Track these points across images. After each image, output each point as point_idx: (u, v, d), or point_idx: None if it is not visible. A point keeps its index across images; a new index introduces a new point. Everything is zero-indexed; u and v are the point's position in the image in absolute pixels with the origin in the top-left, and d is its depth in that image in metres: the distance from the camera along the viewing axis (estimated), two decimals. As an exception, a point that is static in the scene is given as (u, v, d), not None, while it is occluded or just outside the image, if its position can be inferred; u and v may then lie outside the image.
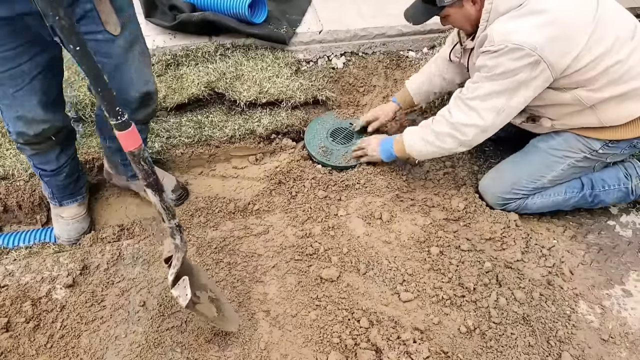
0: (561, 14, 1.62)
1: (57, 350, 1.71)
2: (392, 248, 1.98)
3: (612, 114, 1.77)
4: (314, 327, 1.73)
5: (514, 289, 1.80)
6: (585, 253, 2.02)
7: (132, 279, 1.91)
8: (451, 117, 1.87)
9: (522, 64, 1.64)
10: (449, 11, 1.79)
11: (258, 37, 2.63)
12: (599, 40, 1.64)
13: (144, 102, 1.79)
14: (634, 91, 1.71)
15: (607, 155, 1.91)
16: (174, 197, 2.21)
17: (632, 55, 1.68)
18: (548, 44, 1.61)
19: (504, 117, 1.80)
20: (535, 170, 1.99)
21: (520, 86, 1.70)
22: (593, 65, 1.67)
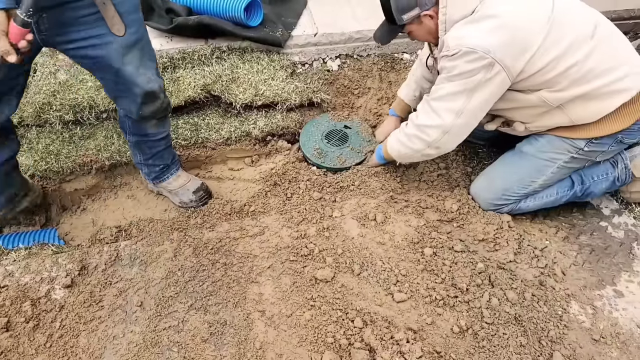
0: (513, 17, 1.66)
1: (57, 349, 1.74)
2: (386, 249, 2.01)
3: (580, 112, 1.80)
4: (309, 327, 1.76)
5: (506, 290, 1.83)
6: (578, 254, 2.04)
7: (130, 280, 1.94)
8: (417, 118, 1.95)
9: (476, 65, 1.69)
10: (411, 28, 1.88)
11: (254, 40, 2.66)
12: (555, 42, 1.67)
13: (148, 100, 1.84)
14: (598, 90, 1.73)
15: (594, 153, 1.93)
16: (194, 198, 2.25)
17: (592, 55, 1.69)
18: (501, 46, 1.65)
19: (465, 119, 1.84)
20: (526, 176, 2.02)
21: (477, 87, 1.74)
22: (551, 67, 1.70)
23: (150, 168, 2.18)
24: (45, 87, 2.45)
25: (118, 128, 2.45)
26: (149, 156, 2.13)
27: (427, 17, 1.79)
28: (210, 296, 1.87)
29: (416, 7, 1.77)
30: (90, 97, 2.42)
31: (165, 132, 2.07)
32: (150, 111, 1.88)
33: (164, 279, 1.93)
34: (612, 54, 1.72)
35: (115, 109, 2.44)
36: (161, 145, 2.10)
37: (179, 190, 2.23)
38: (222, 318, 1.80)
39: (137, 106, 1.84)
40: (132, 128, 2.02)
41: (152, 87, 1.81)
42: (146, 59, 1.79)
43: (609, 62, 1.71)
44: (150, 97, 1.83)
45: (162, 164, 2.17)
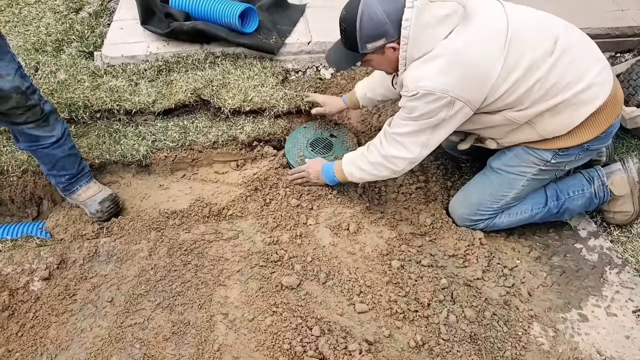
0: (469, 52, 1.65)
1: (27, 339, 1.82)
2: (356, 259, 2.03)
3: (549, 126, 1.79)
4: (268, 333, 1.80)
5: (465, 307, 1.83)
6: (548, 275, 2.03)
7: (104, 276, 2.01)
8: (382, 149, 1.94)
9: (437, 105, 1.70)
10: (372, 57, 1.84)
11: (247, 47, 2.72)
12: (514, 66, 1.67)
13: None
14: (564, 103, 1.72)
15: (562, 163, 1.91)
16: (99, 209, 2.26)
17: (553, 70, 1.68)
18: (459, 83, 1.66)
19: (430, 148, 1.88)
20: (496, 190, 2.02)
21: (441, 123, 1.77)
22: (513, 89, 1.70)
23: (56, 179, 2.22)
24: (45, 85, 2.56)
25: (110, 128, 2.54)
26: (50, 166, 2.16)
27: (390, 48, 1.75)
28: (178, 296, 1.93)
29: (382, 38, 1.72)
30: (86, 97, 2.51)
31: (54, 137, 2.08)
32: (6, 109, 1.91)
33: (137, 276, 1.99)
34: (574, 67, 1.70)
35: (109, 109, 2.53)
36: (58, 153, 2.12)
37: (87, 201, 2.26)
38: (186, 318, 1.86)
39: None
40: (16, 133, 2.07)
41: (1, 86, 1.83)
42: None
43: (571, 75, 1.69)
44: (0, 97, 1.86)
45: (67, 173, 2.19)
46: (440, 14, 1.63)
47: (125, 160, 2.43)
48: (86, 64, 2.76)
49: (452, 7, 1.63)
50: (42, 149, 2.09)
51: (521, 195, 2.02)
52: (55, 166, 2.16)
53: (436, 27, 1.65)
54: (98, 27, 3.13)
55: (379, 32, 1.70)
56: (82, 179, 2.25)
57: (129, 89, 2.59)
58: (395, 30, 1.69)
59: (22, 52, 2.83)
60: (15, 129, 2.04)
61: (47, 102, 2.06)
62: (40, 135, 2.05)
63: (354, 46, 1.79)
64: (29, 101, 1.95)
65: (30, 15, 3.22)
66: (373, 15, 1.67)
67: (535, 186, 2.02)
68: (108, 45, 2.84)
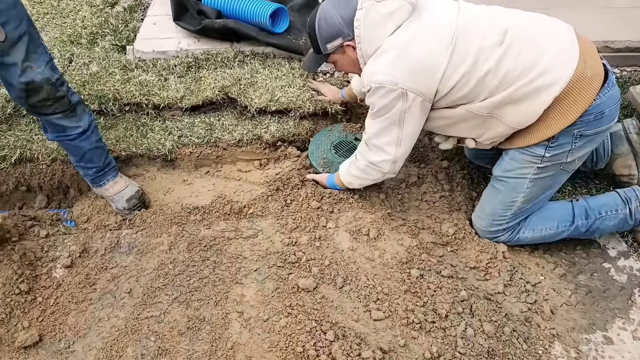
0: (414, 46, 1.72)
1: (47, 324, 1.86)
2: (374, 265, 2.01)
3: (515, 116, 1.77)
4: (282, 334, 1.79)
5: (484, 321, 1.79)
6: (572, 293, 1.97)
7: (124, 267, 2.04)
8: (365, 155, 2.03)
9: (390, 98, 1.78)
10: (335, 57, 1.97)
11: (276, 47, 2.72)
12: (462, 60, 1.70)
13: (30, 90, 1.91)
14: (520, 91, 1.69)
15: (559, 156, 1.83)
16: (126, 206, 2.30)
17: (502, 60, 1.69)
18: (407, 76, 1.74)
19: (407, 144, 1.94)
20: (504, 197, 1.98)
21: (402, 116, 1.83)
22: (464, 82, 1.73)
23: (84, 170, 2.26)
24: (78, 77, 2.61)
25: (138, 121, 2.58)
26: (78, 157, 2.20)
27: (349, 47, 1.87)
28: (195, 292, 1.94)
29: (339, 37, 1.85)
30: (116, 90, 2.56)
31: (80, 127, 2.11)
32: (36, 101, 1.95)
33: (156, 269, 2.01)
34: (525, 55, 1.68)
35: (137, 103, 2.57)
36: (86, 145, 2.15)
37: (115, 197, 2.30)
38: (202, 314, 1.86)
39: (23, 97, 1.93)
40: (44, 124, 2.12)
41: (32, 78, 1.88)
42: (32, 52, 1.88)
43: (523, 63, 1.68)
44: (32, 88, 1.91)
45: (94, 166, 2.23)
46: (385, 11, 1.74)
47: (151, 154, 2.46)
48: (118, 58, 2.81)
49: (396, 4, 1.73)
50: (69, 141, 2.13)
51: (532, 197, 1.96)
52: (83, 158, 2.20)
53: (383, 24, 1.76)
54: (132, 21, 3.19)
55: (335, 32, 1.85)
56: (109, 173, 2.29)
57: (158, 83, 2.63)
58: (349, 30, 1.82)
59: (58, 44, 2.89)
60: (43, 119, 2.08)
61: (75, 94, 2.10)
62: (68, 125, 2.09)
63: (317, 49, 1.95)
64: (57, 92, 1.99)
65: (68, 7, 3.30)
66: (329, 19, 1.84)
67: (544, 186, 1.94)
68: (140, 39, 2.88)
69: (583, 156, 1.90)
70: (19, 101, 1.99)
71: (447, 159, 2.46)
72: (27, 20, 1.87)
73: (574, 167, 1.94)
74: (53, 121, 2.06)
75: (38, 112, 2.02)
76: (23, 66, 1.86)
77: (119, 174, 2.33)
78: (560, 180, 1.98)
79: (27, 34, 1.86)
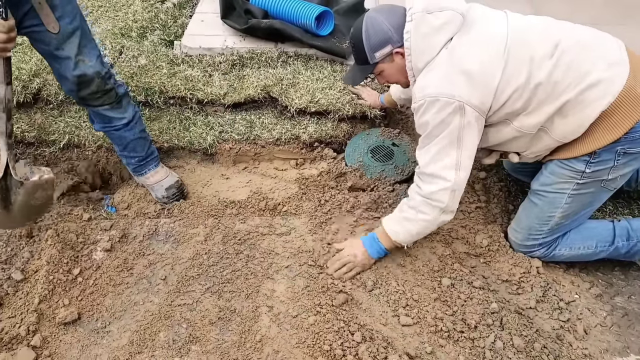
0: (469, 59, 1.68)
1: (85, 303, 1.94)
2: (405, 272, 2.01)
3: (562, 129, 1.73)
4: (310, 331, 1.81)
5: (514, 335, 1.77)
6: (608, 315, 1.92)
7: (161, 254, 2.10)
8: (420, 190, 1.84)
9: (447, 112, 1.69)
10: (382, 66, 1.88)
11: (320, 49, 2.76)
12: (516, 71, 1.67)
13: (83, 83, 2.00)
14: (569, 104, 1.67)
15: (600, 172, 1.78)
16: (166, 195, 2.37)
17: (553, 73, 1.66)
18: (464, 88, 1.67)
19: (465, 169, 1.79)
20: (541, 212, 1.94)
21: (460, 135, 1.72)
22: (518, 95, 1.69)
23: (127, 159, 2.33)
24: (127, 69, 2.71)
25: (182, 115, 2.65)
26: (122, 147, 2.27)
27: (398, 54, 1.80)
28: (227, 283, 1.98)
29: (388, 45, 1.79)
30: (162, 83, 2.64)
31: (125, 118, 2.19)
32: (87, 94, 2.03)
33: (190, 259, 2.07)
34: (575, 66, 1.65)
35: (182, 97, 2.65)
36: (129, 135, 2.23)
37: (155, 185, 2.37)
38: (233, 305, 1.90)
39: (75, 89, 2.01)
40: (92, 114, 2.20)
41: (85, 71, 1.96)
42: (84, 46, 1.96)
43: (572, 75, 1.64)
44: (84, 81, 1.99)
45: (137, 155, 2.30)
46: (437, 23, 1.70)
47: (192, 147, 2.53)
48: (166, 52, 2.89)
49: (448, 16, 1.70)
50: (114, 131, 2.22)
51: (570, 213, 1.91)
52: (127, 148, 2.28)
53: (434, 36, 1.71)
54: (180, 17, 3.28)
55: (384, 39, 1.79)
56: (151, 163, 2.37)
57: (203, 79, 2.70)
58: (399, 37, 1.77)
59: (110, 36, 3.00)
60: (91, 110, 2.17)
61: (122, 85, 2.18)
62: (113, 116, 2.17)
63: (364, 59, 1.87)
64: (106, 85, 2.07)
65: (121, 1, 3.42)
66: (377, 26, 1.79)
67: (583, 202, 1.89)
68: (188, 35, 2.97)
69: (626, 175, 1.84)
70: (71, 94, 2.09)
71: (484, 169, 2.44)
72: (80, 16, 1.96)
73: (616, 186, 1.89)
74: (100, 112, 2.15)
75: (87, 103, 2.11)
76: (76, 60, 1.95)
77: (160, 164, 2.41)
78: (601, 198, 1.93)
79: (80, 29, 1.95)
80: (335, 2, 3.10)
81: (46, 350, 1.79)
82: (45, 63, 2.69)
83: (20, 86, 2.61)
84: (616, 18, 3.11)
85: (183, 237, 2.17)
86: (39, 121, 2.63)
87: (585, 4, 3.18)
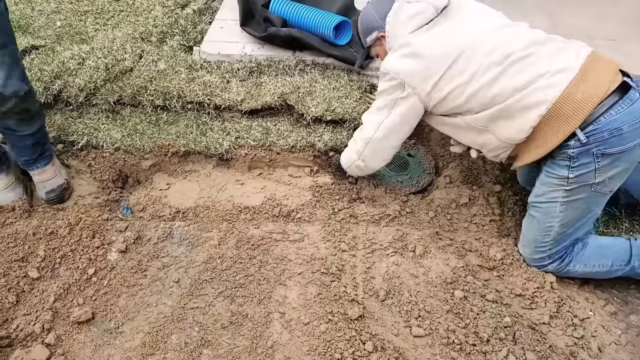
0: (423, 48, 1.89)
1: (99, 303, 1.95)
2: (418, 282, 2.01)
3: (506, 131, 1.87)
4: (321, 339, 1.81)
5: (527, 350, 1.75)
6: (623, 333, 1.90)
7: (175, 257, 2.12)
8: (357, 131, 2.25)
9: (390, 84, 1.98)
10: (376, 50, 2.20)
11: (337, 58, 2.77)
12: (460, 72, 1.84)
13: None
14: (510, 108, 1.79)
15: (584, 176, 1.79)
16: (45, 198, 2.34)
17: (499, 78, 1.80)
18: (408, 71, 1.92)
19: (382, 133, 2.09)
20: (540, 223, 1.94)
21: (394, 104, 2.01)
22: (458, 93, 1.87)
23: (16, 156, 2.33)
24: (146, 72, 2.74)
25: (199, 120, 2.68)
26: (13, 146, 2.27)
27: (384, 38, 2.05)
28: (240, 288, 1.99)
29: (375, 31, 2.08)
30: (181, 88, 2.67)
31: (30, 130, 2.20)
32: (1, 112, 2.04)
33: (204, 263, 2.08)
34: (522, 76, 1.77)
35: (200, 102, 2.67)
36: (28, 141, 2.22)
37: (39, 184, 2.34)
38: (245, 311, 1.91)
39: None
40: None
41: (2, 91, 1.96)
42: (7, 64, 1.96)
43: (518, 83, 1.77)
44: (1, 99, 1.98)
45: (27, 157, 2.28)
46: (411, 12, 1.95)
47: (208, 152, 2.55)
48: (185, 57, 2.93)
49: (421, 7, 1.93)
50: (15, 136, 2.21)
51: (569, 222, 1.90)
52: (18, 149, 2.28)
53: (406, 23, 1.95)
54: (200, 23, 3.33)
55: (371, 26, 2.09)
56: (40, 162, 2.32)
57: (221, 85, 2.72)
58: (384, 24, 2.03)
59: (130, 40, 3.04)
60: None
61: (36, 102, 2.19)
62: (18, 128, 2.18)
63: (362, 44, 2.23)
64: (24, 105, 2.08)
65: (142, 7, 3.48)
66: (366, 15, 2.12)
67: (579, 209, 1.88)
68: (207, 42, 3.00)
69: (616, 176, 1.82)
70: None
71: (499, 183, 2.43)
72: (8, 33, 1.97)
73: (610, 189, 1.86)
74: (6, 124, 2.15)
75: None
76: None
77: (51, 162, 2.36)
78: (598, 203, 1.91)
79: (8, 46, 1.96)
80: (354, 12, 3.12)
81: (60, 348, 1.81)
82: (67, 65, 2.74)
83: (42, 87, 2.65)
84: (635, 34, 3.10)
85: (197, 241, 2.18)
86: (58, 122, 2.67)
87: (602, 19, 3.17)
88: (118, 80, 2.71)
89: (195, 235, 2.21)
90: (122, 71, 2.74)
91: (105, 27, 3.31)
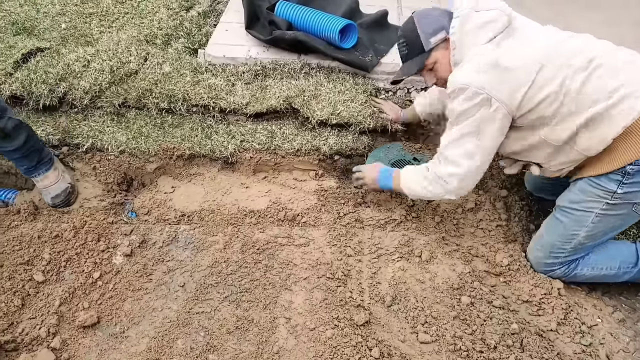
0: (506, 57, 1.73)
1: (104, 307, 1.95)
2: (424, 288, 2.00)
3: (586, 143, 1.75)
4: (327, 345, 1.80)
5: (535, 358, 1.74)
6: (631, 340, 1.88)
7: (180, 261, 2.11)
8: (435, 168, 1.97)
9: (473, 102, 1.75)
10: (437, 56, 1.94)
11: (342, 62, 2.77)
12: (549, 80, 1.71)
13: None
14: (595, 117, 1.69)
15: (632, 195, 1.76)
16: (51, 203, 2.33)
17: (585, 85, 1.69)
18: (494, 83, 1.73)
19: (480, 160, 1.87)
20: (565, 229, 1.91)
21: (482, 125, 1.79)
22: (548, 103, 1.73)
23: (16, 167, 2.32)
24: (151, 75, 2.74)
25: (204, 123, 2.67)
26: (9, 159, 2.27)
27: (449, 42, 1.87)
28: (246, 293, 1.98)
29: (443, 30, 1.88)
30: (186, 91, 2.66)
31: (13, 147, 2.16)
32: None
33: (209, 267, 2.07)
34: (607, 81, 1.68)
35: (205, 105, 2.67)
36: (16, 155, 2.20)
37: (43, 190, 2.33)
38: (251, 315, 1.90)
39: None
40: None
41: None
42: None
43: (603, 89, 1.67)
44: None
45: (25, 166, 2.27)
46: (482, 20, 1.79)
47: (213, 155, 2.54)
48: (190, 60, 2.92)
49: (493, 15, 1.78)
50: (1, 151, 2.20)
51: (595, 234, 1.88)
52: (13, 160, 2.27)
53: (477, 33, 1.79)
54: (205, 26, 3.32)
55: (438, 25, 1.88)
56: (40, 168, 2.31)
57: (226, 88, 2.72)
58: (450, 28, 1.85)
59: (135, 42, 3.04)
60: None
61: (11, 119, 2.13)
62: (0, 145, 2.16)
63: (419, 48, 1.93)
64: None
65: (147, 9, 3.48)
66: (429, 17, 1.91)
67: (610, 224, 1.86)
68: (212, 44, 3.00)
69: None
70: None
71: (506, 188, 2.42)
72: None
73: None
74: None
75: None
76: None
77: (53, 166, 2.36)
78: (629, 222, 1.90)
79: None
80: (359, 15, 3.12)
81: (65, 352, 1.80)
82: (72, 67, 2.74)
83: (47, 90, 2.65)
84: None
85: (202, 245, 2.18)
86: (63, 124, 2.66)
87: (613, 22, 3.16)
88: (123, 83, 2.71)
89: (201, 239, 2.20)
90: (127, 74, 2.74)
91: (110, 30, 3.31)
